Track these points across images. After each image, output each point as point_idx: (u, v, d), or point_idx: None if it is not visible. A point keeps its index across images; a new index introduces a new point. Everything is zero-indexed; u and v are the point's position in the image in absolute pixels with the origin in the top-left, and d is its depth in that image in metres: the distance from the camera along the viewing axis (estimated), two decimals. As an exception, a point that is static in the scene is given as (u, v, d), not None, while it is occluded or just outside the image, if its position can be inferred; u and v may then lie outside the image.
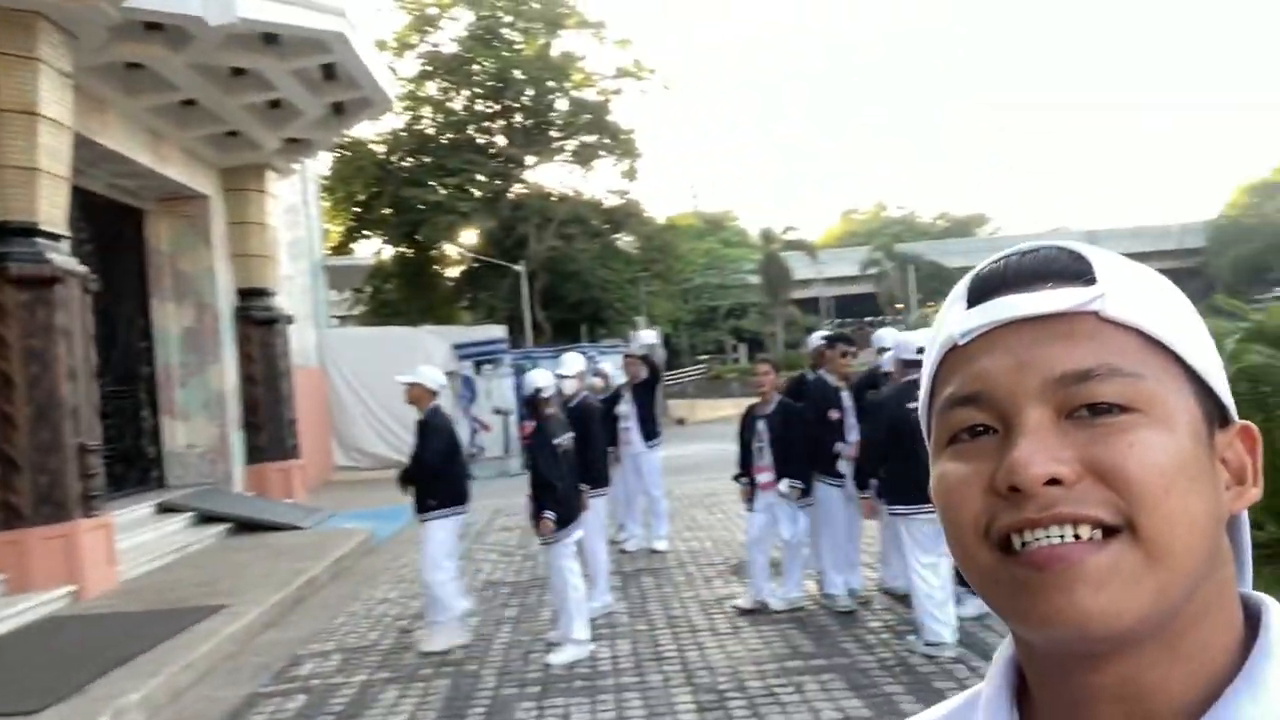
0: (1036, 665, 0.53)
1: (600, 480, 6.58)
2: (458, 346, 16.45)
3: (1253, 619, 0.51)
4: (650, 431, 8.29)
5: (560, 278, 30.84)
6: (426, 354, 16.34)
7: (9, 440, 6.99)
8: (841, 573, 5.85)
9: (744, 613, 5.84)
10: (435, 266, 32.91)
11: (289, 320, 12.81)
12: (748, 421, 5.92)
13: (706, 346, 43.99)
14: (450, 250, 32.08)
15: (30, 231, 7.24)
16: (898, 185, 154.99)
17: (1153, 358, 0.50)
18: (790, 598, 5.86)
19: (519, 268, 27.15)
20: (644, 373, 8.38)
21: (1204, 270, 48.17)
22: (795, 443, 5.71)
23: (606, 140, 33.05)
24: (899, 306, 44.30)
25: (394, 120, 32.24)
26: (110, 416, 10.64)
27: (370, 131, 31.91)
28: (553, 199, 32.22)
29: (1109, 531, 0.47)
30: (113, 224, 10.97)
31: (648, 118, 47.53)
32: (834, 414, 5.78)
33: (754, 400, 6.01)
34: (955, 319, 0.54)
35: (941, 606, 4.85)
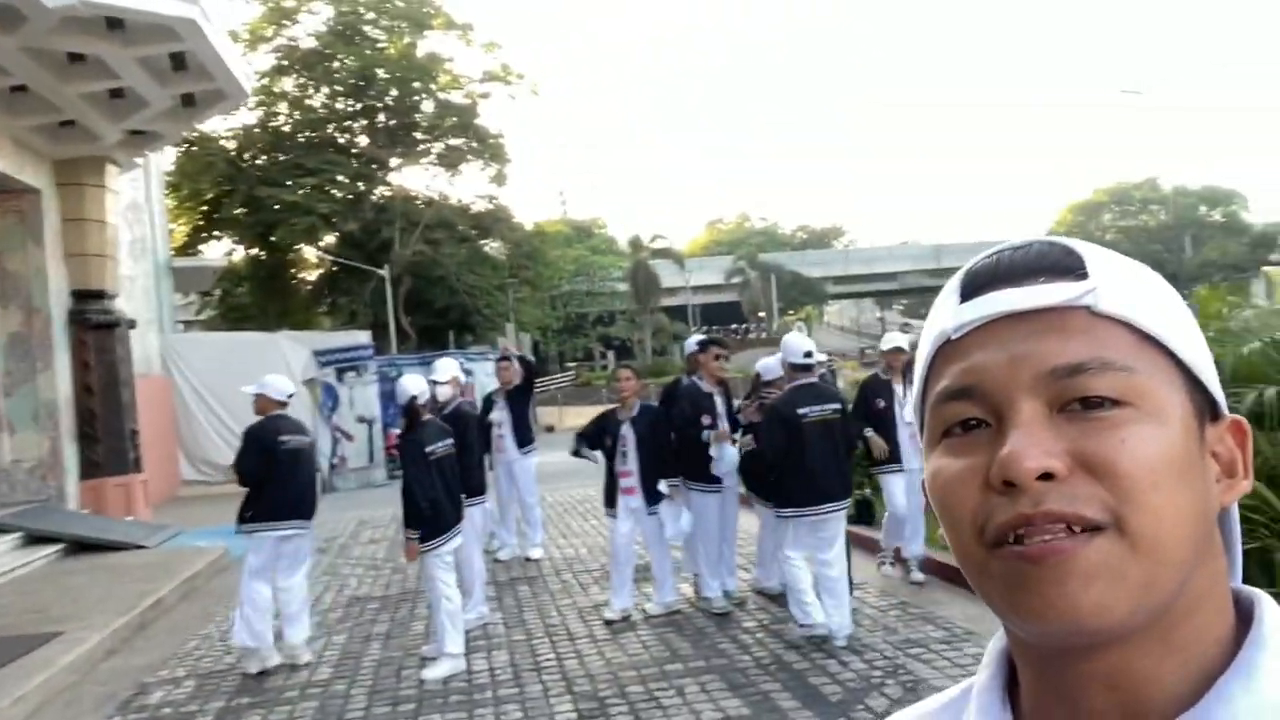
0: (1028, 656, 0.53)
1: (477, 489, 6.43)
2: (319, 353, 15.80)
3: (1245, 613, 0.52)
4: (524, 438, 8.17)
5: (426, 283, 30.15)
6: (284, 361, 15.62)
7: None
8: (717, 576, 5.91)
9: (610, 623, 5.78)
10: (292, 270, 31.56)
11: (130, 324, 11.95)
12: (607, 426, 5.89)
13: (575, 354, 43.96)
14: (308, 253, 30.85)
15: None
16: (761, 196, 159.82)
17: (1144, 352, 0.50)
18: (666, 602, 5.88)
19: (383, 272, 26.36)
20: (518, 378, 8.25)
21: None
22: (662, 445, 5.79)
23: (474, 144, 32.58)
24: (761, 315, 45.61)
25: (247, 116, 30.77)
26: (-78, 429, 9.67)
27: (221, 126, 30.34)
28: (418, 202, 31.49)
29: (1098, 528, 0.47)
30: (-73, 217, 9.97)
31: (517, 123, 47.15)
32: (705, 419, 5.82)
33: (613, 406, 6.04)
34: (948, 313, 0.54)
35: (805, 594, 5.08)
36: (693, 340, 6.43)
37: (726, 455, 5.70)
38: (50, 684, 5.27)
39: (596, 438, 5.94)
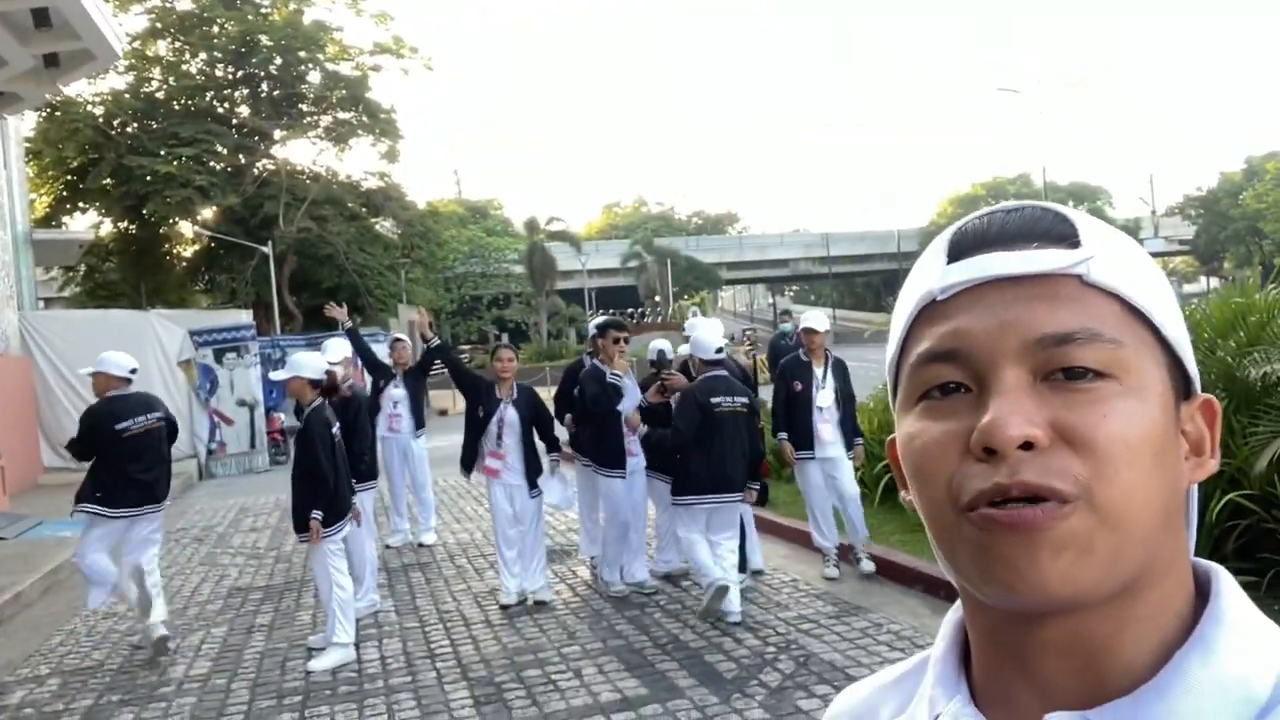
0: (984, 624, 0.53)
1: (368, 474, 6.23)
2: (196, 333, 15.03)
3: (1203, 587, 0.52)
4: (419, 421, 7.97)
5: (313, 261, 29.07)
6: (157, 340, 14.83)
7: None
8: (619, 560, 5.86)
9: (505, 608, 5.70)
10: (166, 245, 29.92)
11: (-14, 299, 11.11)
12: (481, 398, 5.77)
13: (470, 336, 43.27)
14: (184, 228, 29.31)
15: None
16: (656, 181, 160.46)
17: (1130, 326, 0.50)
18: (534, 587, 5.75)
19: (265, 249, 25.30)
20: (412, 359, 8.06)
21: (919, 272, 53.77)
22: (549, 423, 5.87)
23: (365, 119, 31.52)
24: (657, 299, 45.88)
25: (116, 80, 28.95)
26: None
27: (87, 90, 28.45)
28: (304, 177, 30.30)
29: (1066, 500, 0.47)
30: None
31: (410, 99, 45.78)
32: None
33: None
34: (934, 274, 0.52)
35: (707, 566, 5.19)
36: (595, 323, 6.39)
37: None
38: (-108, 688, 4.86)
39: (472, 404, 5.82)
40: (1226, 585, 0.51)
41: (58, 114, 26.81)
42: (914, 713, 0.57)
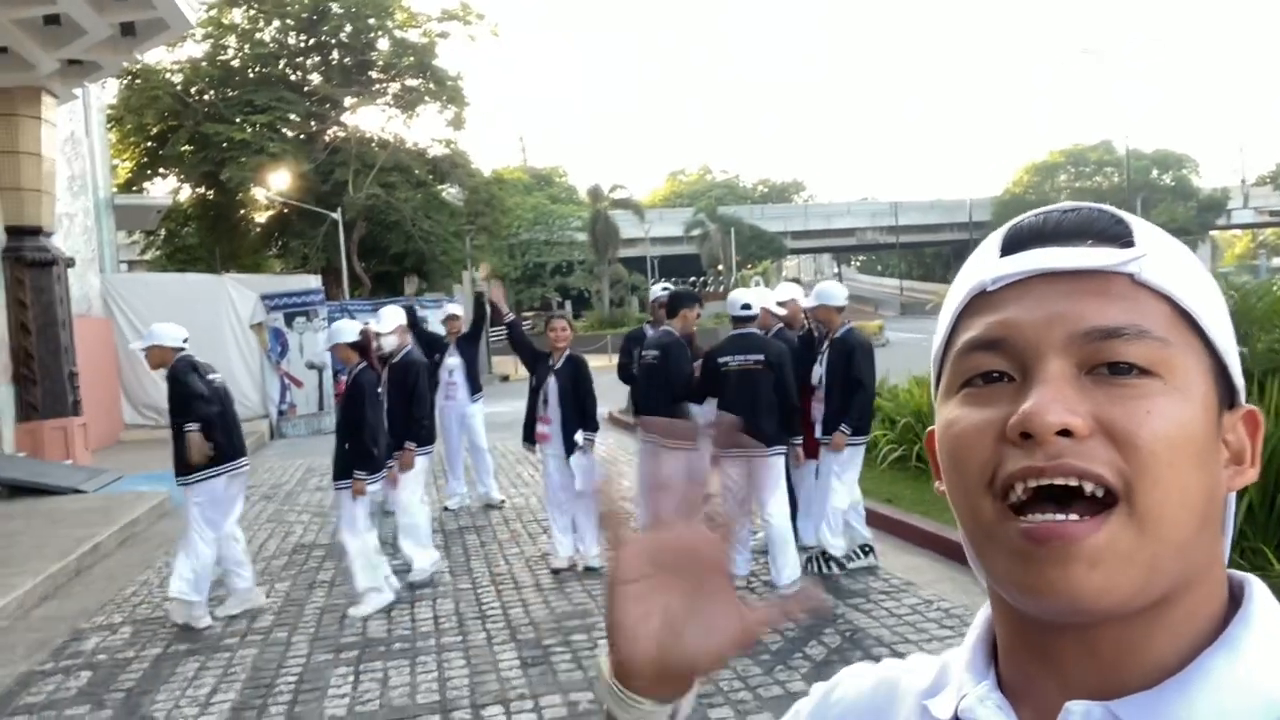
0: (1012, 623, 0.53)
1: (428, 439, 6.34)
2: (267, 297, 15.45)
3: (1236, 596, 0.52)
4: (475, 386, 8.12)
5: (381, 228, 29.55)
6: (230, 303, 15.28)
7: None
8: None
9: (556, 572, 5.80)
10: (242, 211, 30.71)
11: (69, 263, 11.56)
12: (537, 367, 5.94)
13: (533, 303, 43.63)
14: (258, 194, 30.03)
15: None
16: (722, 148, 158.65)
17: (1178, 328, 0.50)
18: (593, 554, 5.81)
19: (335, 215, 25.78)
20: (464, 326, 8.23)
21: (991, 243, 52.24)
22: (585, 396, 5.82)
23: (431, 85, 31.77)
24: (720, 268, 45.56)
25: (194, 49, 29.65)
26: None
27: (166, 59, 29.22)
28: (373, 144, 30.72)
29: (1105, 502, 0.47)
30: None
31: (477, 66, 46.03)
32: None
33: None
34: (988, 265, 0.53)
35: (781, 546, 5.24)
36: (658, 289, 6.37)
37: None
38: (-20, 629, 5.16)
39: (530, 369, 6.02)
40: (1259, 593, 0.51)
41: (138, 82, 27.60)
42: (942, 697, 0.57)
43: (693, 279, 45.11)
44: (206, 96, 29.11)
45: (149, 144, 28.73)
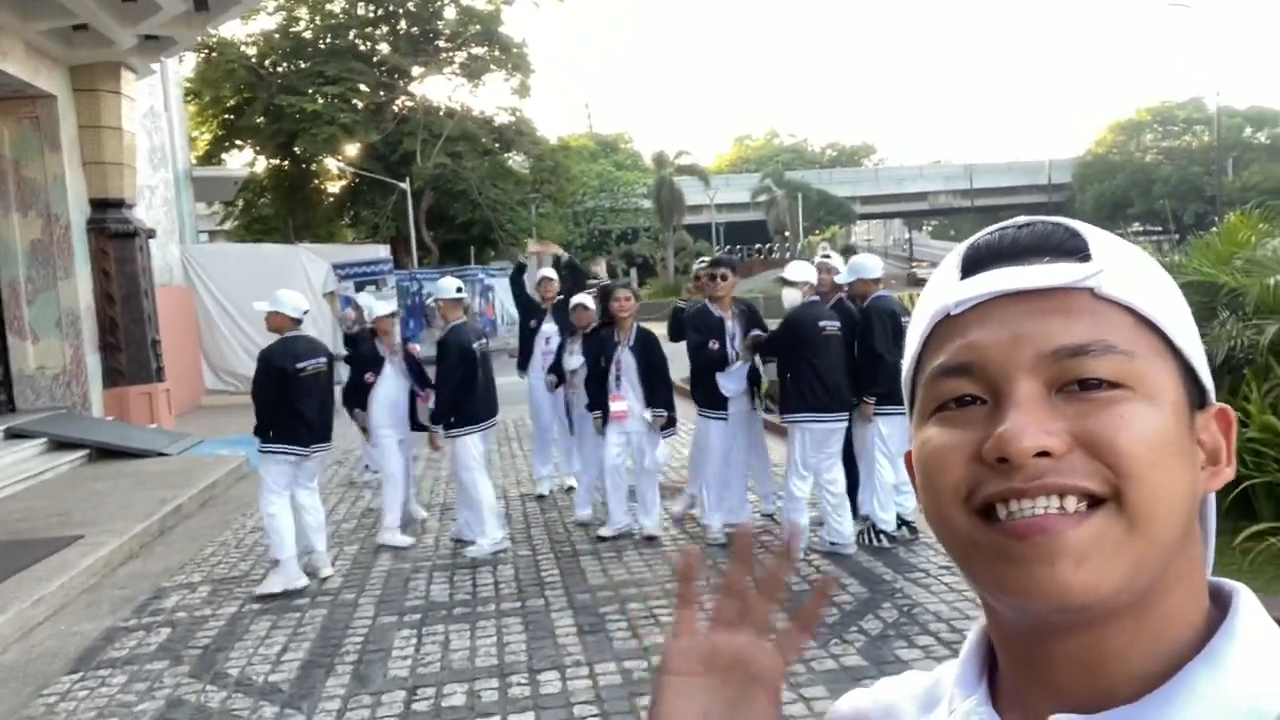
0: (1003, 630, 0.53)
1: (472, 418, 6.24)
2: (338, 266, 15.80)
3: (1224, 604, 0.52)
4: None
5: (448, 196, 29.90)
6: (304, 273, 15.65)
7: None
8: (719, 509, 5.77)
9: (603, 540, 5.86)
10: (315, 181, 31.36)
11: (150, 234, 11.97)
12: (603, 347, 5.85)
13: (597, 271, 43.80)
14: (330, 164, 30.61)
15: None
16: (790, 113, 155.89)
17: (1143, 337, 0.50)
18: (649, 524, 5.84)
19: (404, 185, 26.16)
20: (556, 293, 7.73)
21: (1069, 205, 50.50)
22: (658, 371, 5.74)
23: (497, 53, 31.85)
24: (786, 235, 44.99)
25: (267, 21, 30.20)
26: (-52, 335, 9.82)
27: (241, 32, 29.83)
28: (440, 113, 30.99)
29: (1094, 503, 0.47)
30: (-57, 123, 9.93)
31: (542, 32, 46.01)
32: (714, 344, 5.63)
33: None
34: (948, 289, 0.53)
35: (838, 508, 5.33)
36: (699, 262, 6.34)
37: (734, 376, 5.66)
38: (70, 586, 5.44)
39: (594, 356, 5.93)
40: (1246, 603, 0.51)
41: (214, 55, 28.24)
42: (935, 714, 0.58)
43: (758, 245, 44.69)
44: (280, 69, 29.69)
45: (226, 116, 29.45)
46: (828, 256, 5.92)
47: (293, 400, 5.29)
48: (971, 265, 0.53)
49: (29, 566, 5.62)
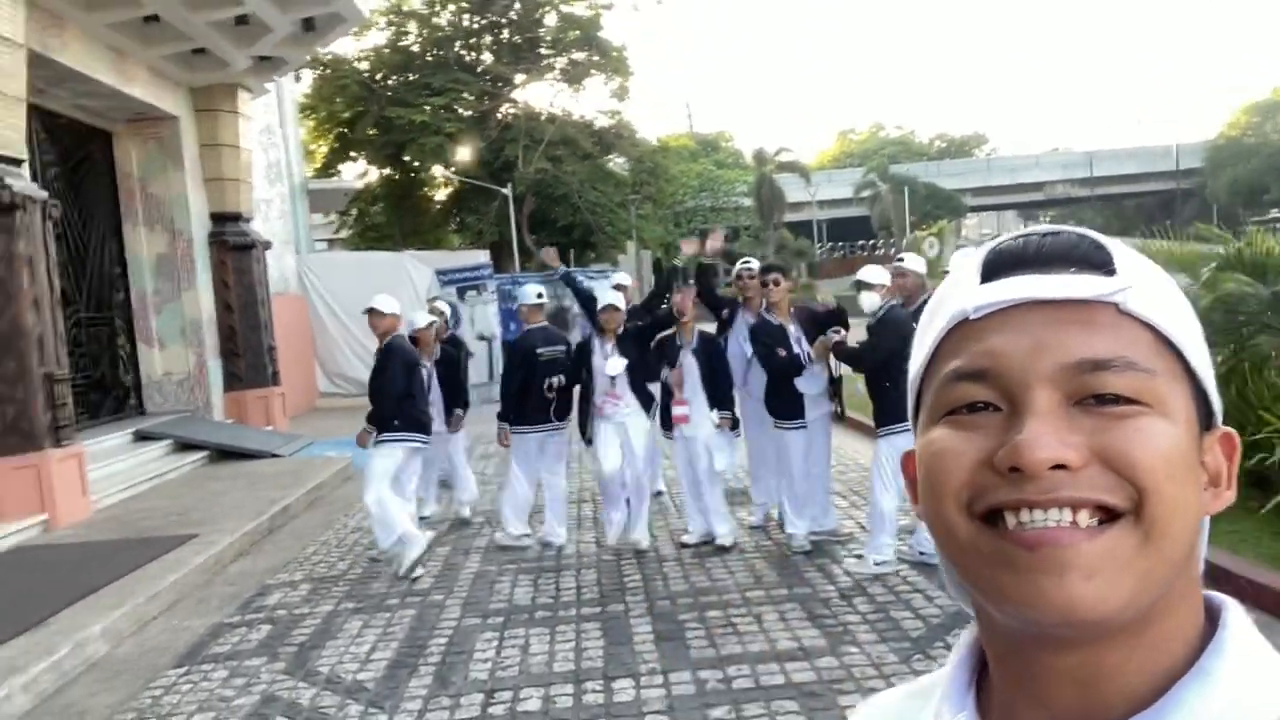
0: (998, 642, 0.53)
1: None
2: (441, 272, 16.24)
3: (1214, 619, 0.52)
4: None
5: (549, 201, 30.41)
6: (410, 279, 16.18)
7: (-28, 370, 6.90)
8: (803, 515, 5.63)
9: (685, 547, 5.82)
10: (423, 189, 32.39)
11: (265, 245, 12.60)
12: (666, 351, 5.81)
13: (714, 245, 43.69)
14: (437, 172, 31.54)
15: (-16, 156, 7.03)
16: (895, 105, 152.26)
17: (1162, 356, 0.50)
18: (720, 531, 5.73)
19: (505, 191, 26.73)
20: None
21: (1200, 191, 47.56)
22: (722, 374, 5.72)
23: (597, 58, 32.22)
24: (891, 230, 43.90)
25: (378, 37, 31.35)
26: (85, 344, 10.55)
27: (353, 49, 31.06)
28: (542, 119, 31.54)
29: (1108, 517, 0.47)
30: (80, 146, 10.68)
31: (642, 34, 46.32)
32: (781, 351, 5.48)
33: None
34: (968, 292, 0.53)
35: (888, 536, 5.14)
36: (741, 264, 6.14)
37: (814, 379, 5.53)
38: (183, 583, 5.77)
39: (656, 361, 5.88)
40: (1235, 618, 0.51)
41: (329, 72, 29.51)
42: None
43: (861, 242, 43.71)
44: (390, 82, 30.79)
45: (340, 130, 30.74)
46: (900, 260, 5.58)
47: (417, 389, 5.95)
48: (993, 270, 0.53)
49: (146, 564, 5.98)
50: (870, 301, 5.14)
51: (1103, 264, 0.51)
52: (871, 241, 41.77)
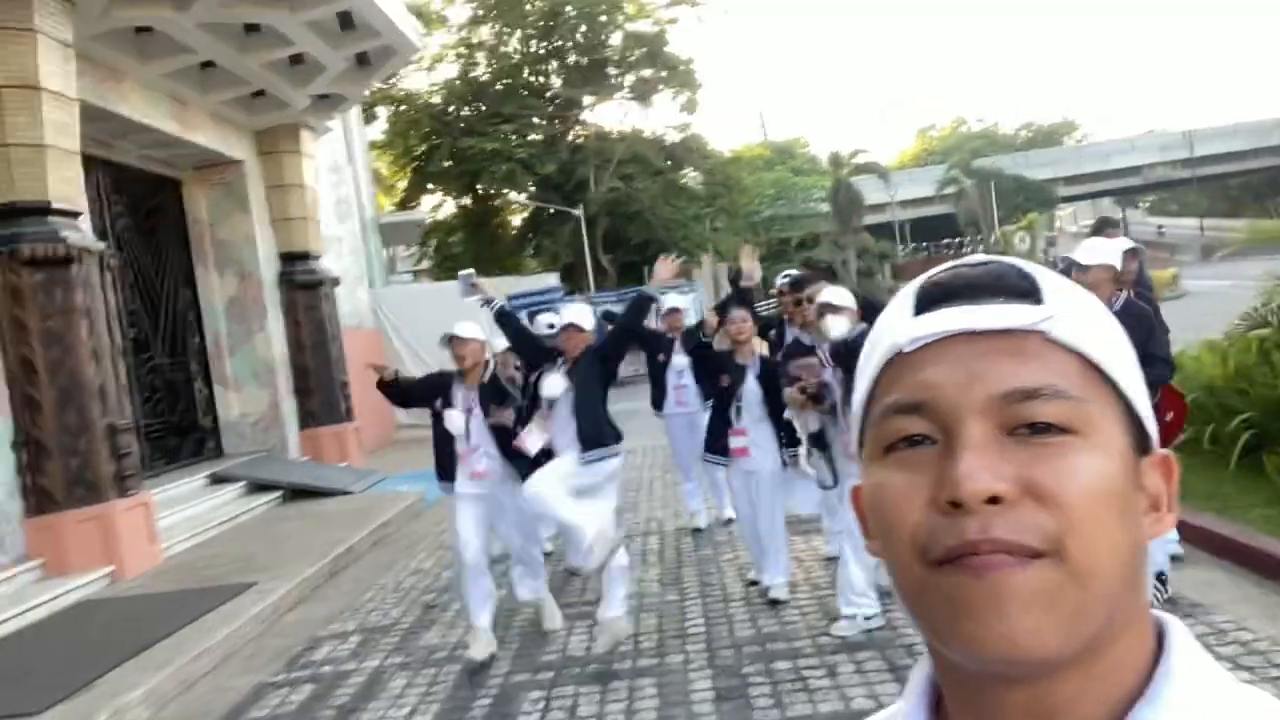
0: (953, 681, 0.53)
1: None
2: (512, 298, 16.13)
3: (1160, 640, 0.53)
4: (705, 392, 7.37)
5: (623, 219, 30.29)
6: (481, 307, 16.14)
7: (35, 424, 6.93)
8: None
9: (754, 584, 5.30)
10: (497, 216, 32.70)
11: (335, 282, 12.65)
12: (726, 366, 5.10)
13: (776, 279, 43.00)
14: (512, 197, 31.81)
15: (42, 210, 7.08)
16: (977, 98, 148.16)
17: (1091, 383, 0.51)
18: (777, 583, 5.06)
19: (577, 213, 26.71)
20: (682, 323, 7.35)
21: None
22: (780, 403, 4.88)
23: (664, 73, 32.09)
24: (979, 227, 42.34)
25: (448, 70, 31.91)
26: (162, 390, 10.71)
27: (424, 83, 31.68)
28: (612, 138, 31.52)
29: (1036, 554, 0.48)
30: (150, 195, 10.88)
31: (709, 46, 46.19)
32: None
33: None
34: (902, 326, 0.54)
35: None
36: (781, 277, 5.55)
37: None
38: (234, 636, 5.58)
39: (713, 376, 5.27)
40: (1179, 639, 0.52)
41: (403, 108, 30.15)
42: None
43: (946, 240, 42.22)
44: (462, 113, 31.27)
45: (417, 163, 31.33)
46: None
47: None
48: (925, 303, 0.54)
49: (202, 616, 5.83)
50: (839, 327, 4.28)
51: (1029, 293, 0.52)
52: (957, 239, 40.31)
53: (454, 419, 4.96)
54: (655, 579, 5.80)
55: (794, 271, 5.65)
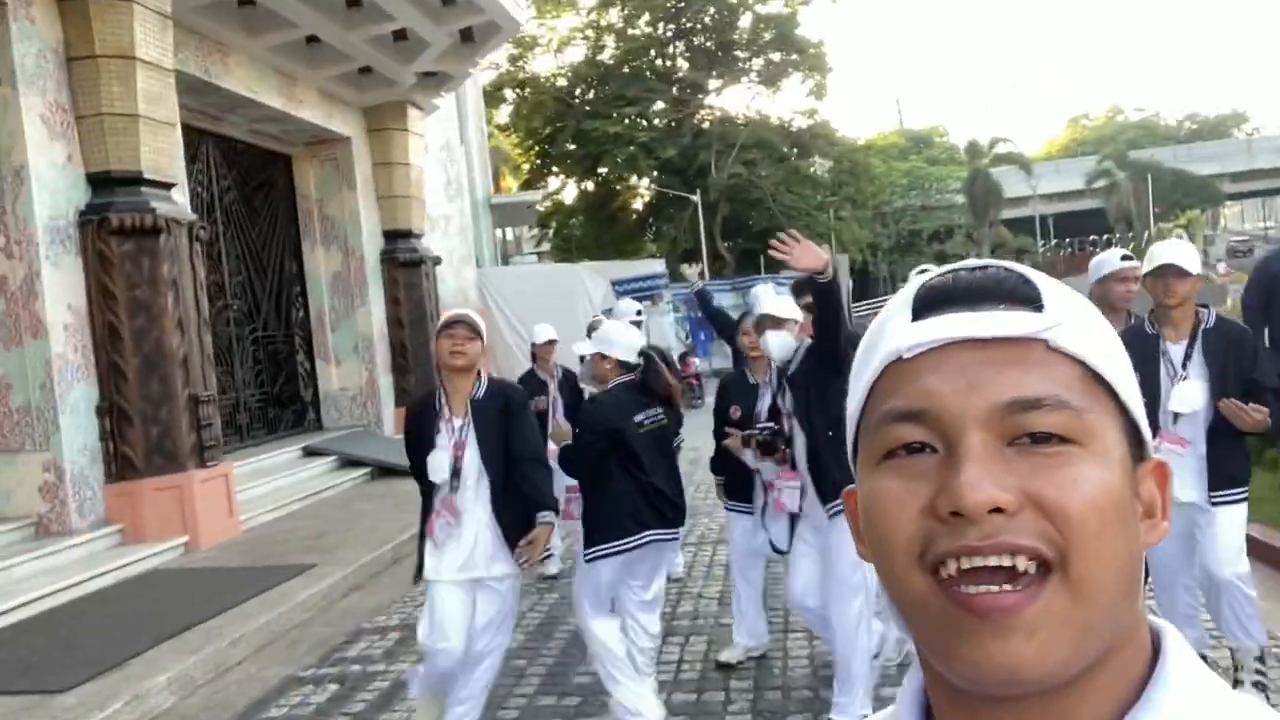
0: (943, 693, 0.52)
1: None
2: (616, 283, 15.84)
3: (1156, 648, 0.52)
4: None
5: (744, 205, 29.61)
6: (585, 291, 15.89)
7: (120, 392, 7.01)
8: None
9: (721, 666, 4.27)
10: (618, 199, 32.54)
11: (436, 261, 12.61)
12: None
13: (907, 273, 41.31)
14: (632, 181, 31.58)
15: (135, 180, 7.15)
16: (1136, 86, 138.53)
17: (1092, 391, 0.51)
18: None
19: (695, 198, 26.19)
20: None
21: None
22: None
23: (794, 56, 31.12)
24: (1131, 224, 39.34)
25: (575, 53, 31.90)
26: (264, 361, 10.90)
27: (551, 65, 31.77)
28: (736, 123, 30.82)
29: (1041, 568, 0.47)
30: (260, 170, 11.06)
31: (842, 28, 44.65)
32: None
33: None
34: (900, 331, 0.53)
35: None
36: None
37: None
38: (280, 622, 5.42)
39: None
40: (1174, 647, 0.52)
41: (528, 92, 30.33)
42: None
43: (1093, 237, 39.41)
44: (586, 96, 31.21)
45: (541, 146, 31.51)
46: (1129, 258, 4.00)
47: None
48: (923, 307, 0.53)
49: (252, 597, 5.71)
50: (781, 344, 3.56)
51: (1031, 299, 0.51)
52: (1105, 236, 37.53)
53: None
54: (715, 596, 5.31)
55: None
